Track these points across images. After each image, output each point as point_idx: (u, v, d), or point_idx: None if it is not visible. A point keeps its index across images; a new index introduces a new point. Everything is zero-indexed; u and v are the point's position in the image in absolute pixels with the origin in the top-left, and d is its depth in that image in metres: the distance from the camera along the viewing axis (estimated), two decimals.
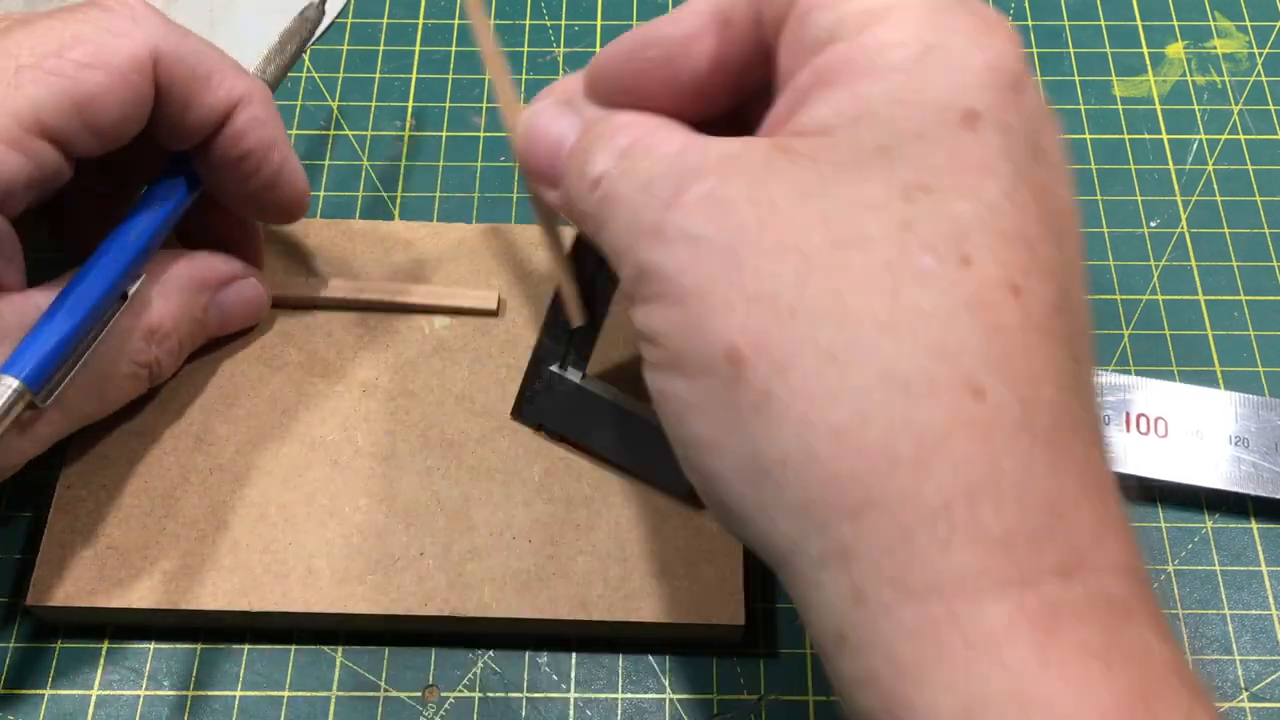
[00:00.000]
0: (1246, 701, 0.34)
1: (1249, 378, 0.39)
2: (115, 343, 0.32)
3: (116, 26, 0.30)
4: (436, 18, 0.47)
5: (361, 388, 0.37)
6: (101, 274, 0.31)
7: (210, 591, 0.33)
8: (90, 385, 0.32)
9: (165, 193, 0.33)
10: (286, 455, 0.35)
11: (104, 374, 0.32)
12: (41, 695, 0.34)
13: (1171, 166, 0.43)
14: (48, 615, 0.34)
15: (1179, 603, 0.35)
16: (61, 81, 0.29)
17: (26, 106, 0.29)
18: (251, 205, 0.35)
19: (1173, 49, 0.46)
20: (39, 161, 0.30)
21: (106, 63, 0.30)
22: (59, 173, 0.31)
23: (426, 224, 0.40)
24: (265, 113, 0.33)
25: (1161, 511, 0.36)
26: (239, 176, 0.33)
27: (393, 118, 0.45)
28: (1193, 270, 0.41)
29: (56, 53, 0.30)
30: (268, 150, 0.33)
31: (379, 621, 0.34)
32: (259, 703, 0.33)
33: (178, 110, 0.32)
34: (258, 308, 0.37)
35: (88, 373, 0.31)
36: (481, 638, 0.34)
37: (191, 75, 0.31)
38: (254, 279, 0.36)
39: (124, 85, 0.30)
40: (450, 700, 0.34)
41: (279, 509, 0.35)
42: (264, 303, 0.37)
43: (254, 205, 0.35)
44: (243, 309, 0.36)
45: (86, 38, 0.30)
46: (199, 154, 0.33)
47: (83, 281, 0.31)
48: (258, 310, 0.37)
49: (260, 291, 0.37)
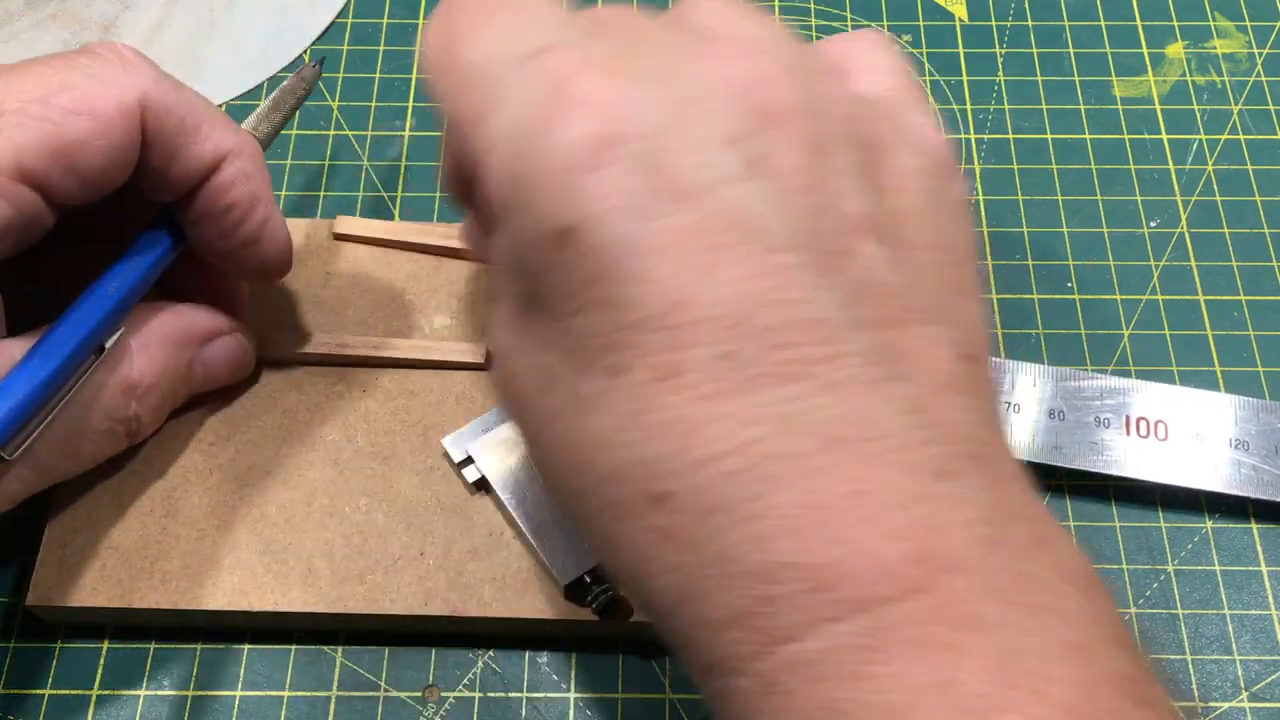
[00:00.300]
0: (1246, 701, 0.34)
1: (1249, 378, 0.39)
2: (90, 397, 0.31)
3: (106, 74, 0.30)
4: None
5: (361, 387, 0.37)
6: (77, 325, 0.30)
7: (210, 591, 0.33)
8: (63, 440, 0.31)
9: (148, 245, 0.33)
10: (286, 455, 0.36)
11: (77, 430, 0.31)
12: (41, 695, 0.34)
13: (1171, 166, 0.43)
14: (48, 615, 0.34)
15: (1179, 603, 0.35)
16: (45, 127, 0.29)
17: (8, 151, 0.28)
18: (232, 261, 0.34)
19: (1173, 49, 0.46)
20: (18, 207, 0.29)
21: (93, 109, 0.29)
22: (40, 219, 0.30)
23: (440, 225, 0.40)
24: (253, 167, 0.32)
25: (1161, 512, 0.36)
26: (221, 231, 0.33)
27: (393, 118, 0.45)
28: (1193, 270, 0.41)
29: (43, 98, 0.29)
30: (252, 205, 0.32)
31: (379, 621, 0.34)
32: (259, 703, 0.33)
33: (164, 160, 0.31)
34: (243, 364, 0.36)
35: (60, 427, 0.30)
36: (481, 638, 0.34)
37: (180, 126, 0.31)
38: (239, 334, 0.36)
39: (110, 132, 0.30)
40: (450, 700, 0.34)
41: (279, 508, 0.35)
42: (249, 359, 0.36)
43: (235, 262, 0.34)
44: (228, 365, 0.35)
45: (74, 84, 0.30)
46: (183, 205, 0.32)
47: (57, 332, 0.30)
48: (243, 366, 0.36)
49: (246, 347, 0.36)
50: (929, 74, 0.46)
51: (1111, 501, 0.37)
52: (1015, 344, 0.40)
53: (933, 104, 0.45)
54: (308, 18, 0.47)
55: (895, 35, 0.47)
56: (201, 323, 0.34)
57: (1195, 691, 0.34)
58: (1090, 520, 0.36)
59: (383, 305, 0.38)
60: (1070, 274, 0.41)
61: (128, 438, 0.33)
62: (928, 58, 0.46)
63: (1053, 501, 0.37)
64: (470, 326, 0.38)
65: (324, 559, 0.34)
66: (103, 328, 0.31)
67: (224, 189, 0.32)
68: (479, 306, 0.38)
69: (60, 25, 0.47)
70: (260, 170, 0.33)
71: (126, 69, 0.30)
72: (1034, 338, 0.40)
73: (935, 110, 0.40)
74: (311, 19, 0.47)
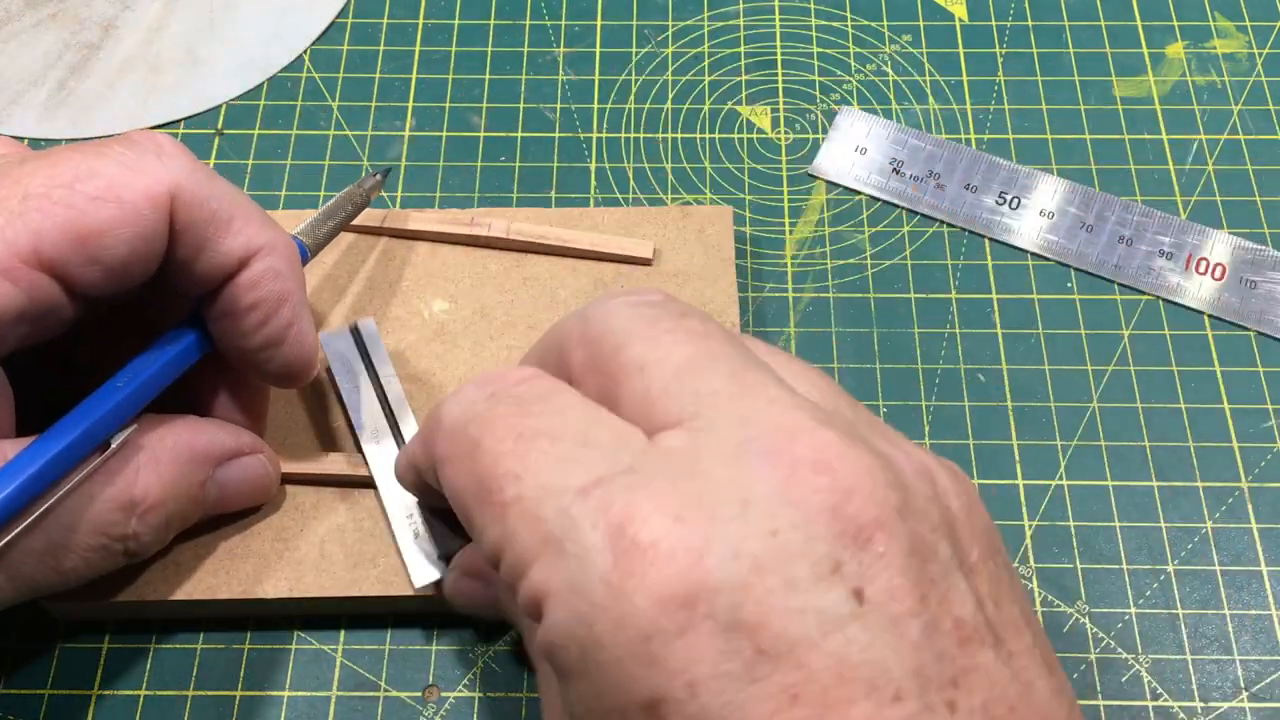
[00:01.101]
0: (1246, 701, 0.34)
1: (1250, 378, 0.39)
2: (82, 506, 0.29)
3: (138, 162, 0.29)
4: (436, 18, 0.47)
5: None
6: (77, 418, 0.28)
7: (224, 581, 0.33)
8: (43, 551, 0.28)
9: (170, 341, 0.31)
10: (295, 443, 0.36)
11: (63, 541, 0.29)
12: (41, 695, 0.34)
13: (1171, 166, 0.43)
14: (59, 612, 0.34)
15: (1179, 603, 0.35)
16: (68, 212, 0.28)
17: (25, 235, 0.27)
18: (252, 363, 0.32)
19: (1173, 49, 0.46)
20: (33, 295, 0.28)
21: (119, 196, 0.28)
22: (58, 309, 0.28)
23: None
24: (285, 266, 0.31)
25: (1162, 512, 0.36)
26: (244, 329, 0.31)
27: (393, 118, 0.45)
28: None
29: (69, 184, 0.28)
30: (278, 305, 0.31)
31: (392, 604, 0.34)
32: (259, 703, 0.33)
33: (191, 252, 0.30)
34: (264, 488, 0.34)
35: (42, 536, 0.28)
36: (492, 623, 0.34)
37: (211, 218, 0.29)
38: (262, 455, 0.33)
39: (135, 220, 0.28)
40: (450, 700, 0.34)
41: (289, 495, 0.35)
42: (271, 482, 0.34)
43: (255, 363, 0.32)
44: (247, 488, 0.33)
45: (102, 171, 0.28)
46: (208, 301, 0.31)
47: (56, 427, 0.28)
48: (264, 490, 0.34)
49: (267, 470, 0.33)
50: (929, 74, 0.46)
51: (1112, 501, 0.37)
52: (1014, 343, 0.40)
53: (933, 104, 0.45)
54: (308, 18, 0.47)
55: (895, 35, 0.47)
56: (222, 440, 0.32)
57: (1195, 691, 0.34)
58: (1090, 520, 0.36)
59: (380, 293, 0.39)
60: (1070, 277, 0.41)
61: (125, 556, 0.31)
62: (928, 58, 0.46)
63: (1053, 501, 0.37)
64: (470, 310, 0.38)
65: (337, 544, 0.34)
66: (106, 424, 0.28)
67: (250, 286, 0.30)
68: (476, 291, 0.38)
69: (60, 25, 0.47)
70: (293, 270, 0.31)
71: (161, 158, 0.29)
72: (1034, 338, 0.40)
73: None
74: (311, 19, 0.47)
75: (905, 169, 0.43)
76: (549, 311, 0.38)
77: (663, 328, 0.26)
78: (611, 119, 0.45)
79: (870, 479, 0.22)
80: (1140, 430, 0.38)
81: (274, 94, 0.45)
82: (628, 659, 0.21)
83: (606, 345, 0.26)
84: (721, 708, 0.21)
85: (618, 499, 0.22)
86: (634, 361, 0.25)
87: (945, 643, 0.21)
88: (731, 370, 0.25)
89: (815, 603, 0.21)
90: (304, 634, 0.34)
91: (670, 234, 0.40)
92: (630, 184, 0.43)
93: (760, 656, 0.21)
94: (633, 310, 0.26)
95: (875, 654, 0.21)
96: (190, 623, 0.34)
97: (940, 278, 0.41)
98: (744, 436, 0.23)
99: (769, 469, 0.22)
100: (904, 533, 0.22)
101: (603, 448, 0.24)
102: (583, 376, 0.27)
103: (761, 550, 0.21)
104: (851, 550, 0.21)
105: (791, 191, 0.43)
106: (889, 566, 0.21)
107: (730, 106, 0.45)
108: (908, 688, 0.21)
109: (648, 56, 0.46)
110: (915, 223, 0.42)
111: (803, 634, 0.21)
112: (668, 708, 0.21)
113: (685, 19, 0.47)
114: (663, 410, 0.24)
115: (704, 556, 0.21)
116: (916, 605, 0.21)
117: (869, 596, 0.21)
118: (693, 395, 0.24)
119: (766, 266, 0.41)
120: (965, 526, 0.24)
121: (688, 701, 0.21)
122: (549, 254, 0.39)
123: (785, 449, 0.23)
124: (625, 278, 0.39)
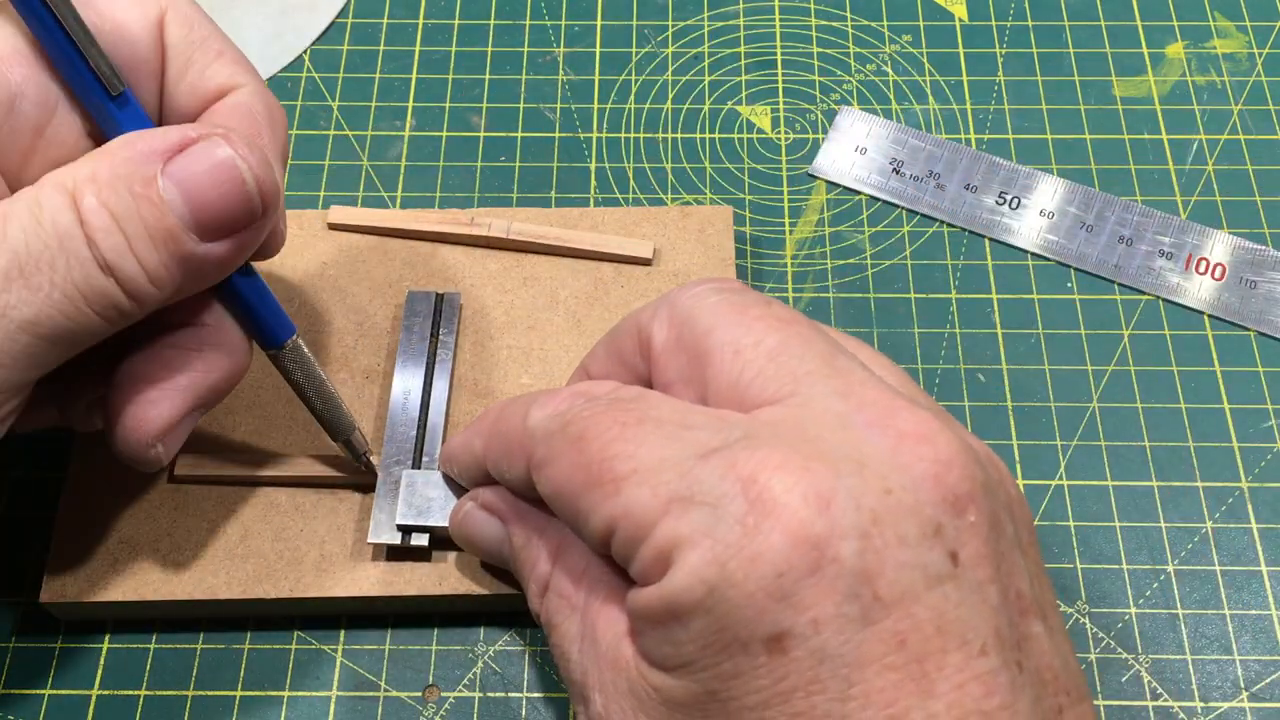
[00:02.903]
0: (1246, 701, 0.34)
1: (1250, 378, 0.39)
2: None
3: None
4: (436, 18, 0.47)
5: (365, 374, 0.37)
6: None
7: (225, 581, 0.33)
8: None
9: None
10: (294, 442, 0.36)
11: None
12: (41, 695, 0.34)
13: (1171, 166, 0.43)
14: (60, 612, 0.34)
15: (1179, 603, 0.35)
16: None
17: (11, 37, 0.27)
18: None
19: (1173, 49, 0.46)
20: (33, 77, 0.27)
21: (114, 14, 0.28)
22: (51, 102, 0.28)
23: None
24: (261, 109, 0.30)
25: (1162, 512, 0.37)
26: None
27: (393, 118, 0.45)
28: None
29: None
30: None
31: (393, 604, 0.34)
32: (259, 703, 0.33)
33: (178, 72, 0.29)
34: (234, 179, 0.26)
35: None
36: (499, 616, 0.34)
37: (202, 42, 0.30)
38: (220, 139, 0.27)
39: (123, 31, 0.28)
40: (450, 700, 0.34)
41: (289, 496, 0.35)
42: (245, 174, 0.27)
43: None
44: (211, 181, 0.26)
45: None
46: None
47: None
48: (237, 183, 0.27)
49: (230, 156, 0.26)
50: (929, 74, 0.46)
51: (1112, 501, 0.37)
52: (1014, 343, 0.40)
53: (933, 104, 0.45)
54: (308, 18, 0.47)
55: (895, 35, 0.47)
56: (162, 134, 0.26)
57: (1195, 691, 0.34)
58: (1090, 520, 0.36)
59: (380, 292, 0.39)
60: (1070, 277, 0.41)
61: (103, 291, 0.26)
62: (928, 58, 0.46)
63: (1053, 501, 0.37)
64: (469, 310, 0.38)
65: (336, 544, 0.34)
66: None
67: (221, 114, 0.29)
68: (476, 291, 0.38)
69: None
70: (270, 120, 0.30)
71: None
72: (1034, 338, 0.40)
73: None
74: (311, 19, 0.47)
75: (905, 169, 0.43)
76: (549, 311, 0.38)
77: (753, 314, 0.27)
78: (611, 119, 0.45)
79: (963, 455, 0.24)
80: (1140, 430, 0.38)
81: (274, 94, 0.45)
82: (760, 593, 0.22)
83: (698, 327, 0.27)
84: (840, 645, 0.22)
85: (741, 456, 0.24)
86: (727, 344, 0.27)
87: (1012, 611, 0.24)
88: (821, 354, 0.26)
89: (921, 559, 0.23)
90: (304, 634, 0.34)
91: (670, 234, 0.40)
92: (630, 184, 0.43)
93: (876, 602, 0.22)
94: (721, 297, 0.28)
95: (965, 612, 0.23)
96: (190, 623, 0.34)
97: (940, 278, 0.41)
98: (845, 408, 0.25)
99: (878, 435, 0.24)
100: (988, 507, 0.24)
101: (707, 428, 0.25)
102: (667, 357, 0.28)
103: (878, 505, 0.23)
104: (949, 516, 0.23)
105: (791, 191, 0.43)
106: (977, 535, 0.23)
107: (730, 106, 0.45)
108: (991, 644, 0.23)
109: (648, 56, 0.46)
110: (915, 223, 0.42)
111: (910, 586, 0.23)
112: (791, 641, 0.22)
113: (685, 19, 0.47)
114: (759, 389, 0.26)
115: (831, 505, 0.23)
116: (994, 573, 0.23)
117: (962, 560, 0.23)
118: (790, 376, 0.26)
119: (766, 266, 0.41)
120: (1020, 510, 0.26)
121: (811, 637, 0.22)
122: (549, 254, 0.39)
123: (889, 421, 0.24)
124: (625, 277, 0.39)
